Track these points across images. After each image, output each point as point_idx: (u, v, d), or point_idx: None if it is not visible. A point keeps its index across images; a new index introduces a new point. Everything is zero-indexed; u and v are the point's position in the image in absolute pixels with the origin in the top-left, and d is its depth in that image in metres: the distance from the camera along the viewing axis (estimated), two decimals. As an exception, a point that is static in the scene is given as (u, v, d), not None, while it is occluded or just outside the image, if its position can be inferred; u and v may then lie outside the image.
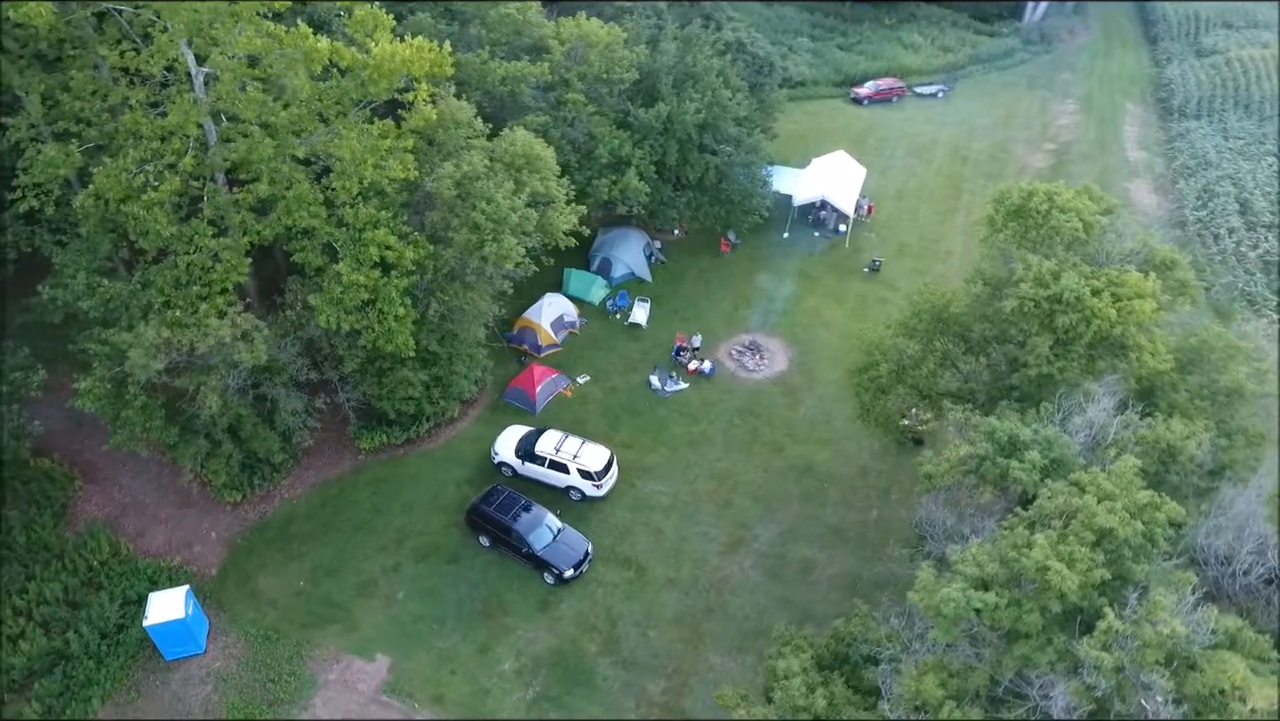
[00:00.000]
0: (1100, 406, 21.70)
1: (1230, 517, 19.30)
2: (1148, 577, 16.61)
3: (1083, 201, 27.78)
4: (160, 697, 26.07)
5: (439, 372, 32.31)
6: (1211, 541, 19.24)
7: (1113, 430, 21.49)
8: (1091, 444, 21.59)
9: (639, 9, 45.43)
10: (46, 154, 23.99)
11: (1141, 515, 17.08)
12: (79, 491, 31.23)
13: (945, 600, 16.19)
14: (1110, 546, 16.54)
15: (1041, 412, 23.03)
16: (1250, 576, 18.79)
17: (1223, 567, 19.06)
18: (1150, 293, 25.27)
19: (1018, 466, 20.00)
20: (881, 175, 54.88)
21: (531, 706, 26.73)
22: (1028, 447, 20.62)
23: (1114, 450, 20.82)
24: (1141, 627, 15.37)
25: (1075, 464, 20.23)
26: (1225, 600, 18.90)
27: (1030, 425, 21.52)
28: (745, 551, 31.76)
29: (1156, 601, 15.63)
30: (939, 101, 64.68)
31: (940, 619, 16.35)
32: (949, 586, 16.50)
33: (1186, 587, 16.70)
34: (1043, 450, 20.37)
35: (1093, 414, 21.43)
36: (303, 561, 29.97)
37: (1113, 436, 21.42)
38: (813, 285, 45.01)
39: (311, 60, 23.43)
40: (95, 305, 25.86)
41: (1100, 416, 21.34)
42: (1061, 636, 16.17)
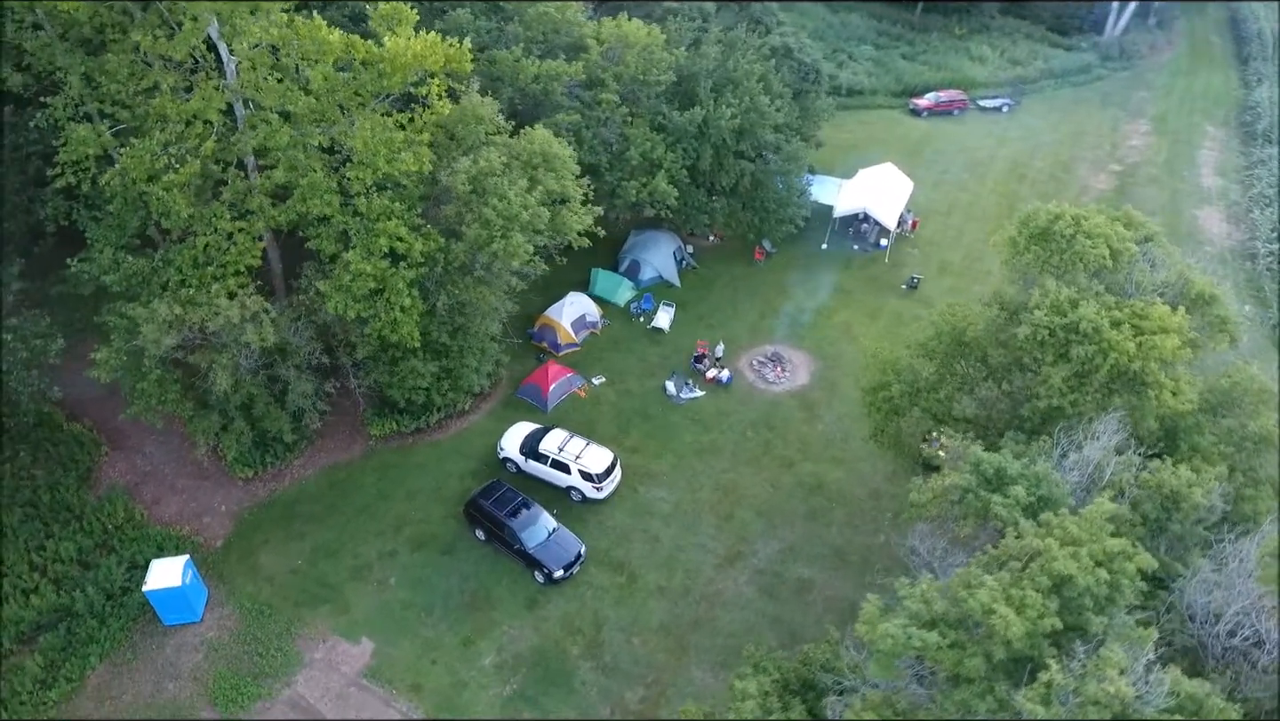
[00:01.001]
0: (1099, 444, 20.51)
1: (1225, 573, 18.00)
2: (1106, 631, 15.58)
3: (1113, 228, 26.41)
4: (154, 661, 27.03)
5: (449, 365, 32.66)
6: (1198, 597, 17.99)
7: (1109, 470, 20.30)
8: (1087, 483, 20.45)
9: (686, 10, 45.09)
10: (78, 133, 25.16)
11: (1111, 563, 16.05)
12: (105, 457, 32.63)
13: (883, 635, 15.52)
14: (1071, 594, 15.60)
15: (1040, 447, 21.95)
16: (1236, 638, 17.49)
17: (1209, 626, 17.79)
18: (1176, 328, 23.86)
19: (998, 502, 19.07)
20: (932, 189, 53.36)
21: (507, 704, 26.79)
22: (1014, 482, 19.66)
23: (1109, 492, 19.67)
24: (1086, 684, 14.42)
25: (1064, 503, 19.19)
26: (1211, 661, 17.64)
27: (1024, 459, 20.49)
28: (742, 566, 31.22)
29: (1106, 657, 14.65)
30: (1003, 116, 62.53)
31: (877, 654, 15.68)
32: (889, 621, 15.82)
33: (1146, 644, 15.62)
34: (1029, 486, 19.38)
35: (1089, 451, 20.27)
36: (304, 541, 30.68)
37: (1109, 477, 20.24)
38: (846, 299, 44.00)
39: (324, 52, 23.95)
40: (118, 280, 26.99)
41: (1096, 455, 20.16)
42: (1004, 685, 15.30)
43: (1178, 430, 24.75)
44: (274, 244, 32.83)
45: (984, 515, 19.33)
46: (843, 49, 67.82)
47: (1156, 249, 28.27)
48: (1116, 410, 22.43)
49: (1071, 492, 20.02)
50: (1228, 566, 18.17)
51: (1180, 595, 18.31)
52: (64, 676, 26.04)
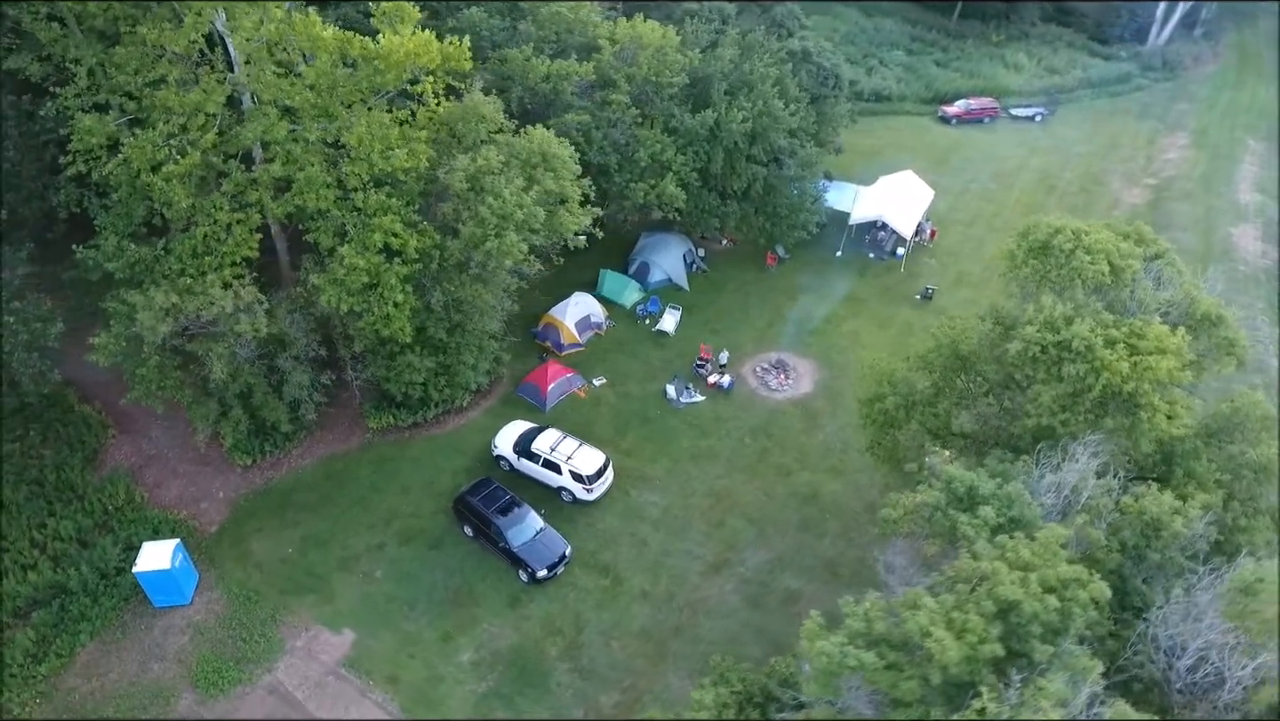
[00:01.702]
0: (1076, 466, 19.87)
1: (1193, 605, 17.30)
2: (1051, 660, 15.04)
3: (1116, 243, 25.61)
4: (142, 641, 27.62)
5: (447, 361, 32.88)
6: (1163, 630, 17.30)
7: (1086, 494, 19.65)
8: (1063, 506, 19.83)
9: (705, 11, 44.85)
10: (84, 123, 25.84)
11: (1065, 590, 15.50)
12: (112, 439, 33.44)
13: (819, 653, 15.20)
14: (1017, 620, 15.09)
15: (1021, 466, 21.36)
16: (1197, 674, 16.79)
17: (1174, 660, 17.10)
18: (1174, 349, 23.05)
19: (965, 521, 18.57)
20: (956, 199, 52.43)
21: (481, 701, 26.87)
22: (985, 502, 19.14)
23: (1084, 517, 19.05)
24: (1020, 712, 13.93)
25: (1035, 526, 18.62)
26: (1175, 696, 16.95)
27: (998, 479, 19.93)
28: (729, 574, 30.93)
29: (1041, 686, 14.14)
30: (1035, 125, 61.19)
31: (814, 671, 15.36)
32: (828, 640, 15.48)
33: (1090, 675, 15.03)
34: (1000, 508, 18.85)
35: (1066, 474, 19.65)
36: (296, 529, 31.11)
37: (1085, 501, 19.59)
38: (857, 308, 43.39)
39: (317, 48, 24.27)
40: (122, 267, 27.64)
41: (1072, 478, 19.53)
42: (941, 710, 14.87)
43: (1175, 455, 23.95)
44: (282, 235, 33.38)
45: (952, 535, 18.85)
46: (874, 54, 66.99)
47: (1165, 267, 27.37)
48: (1103, 432, 21.68)
49: (1045, 515, 19.42)
50: (1197, 599, 17.45)
51: (1148, 626, 17.64)
52: (55, 652, 26.71)
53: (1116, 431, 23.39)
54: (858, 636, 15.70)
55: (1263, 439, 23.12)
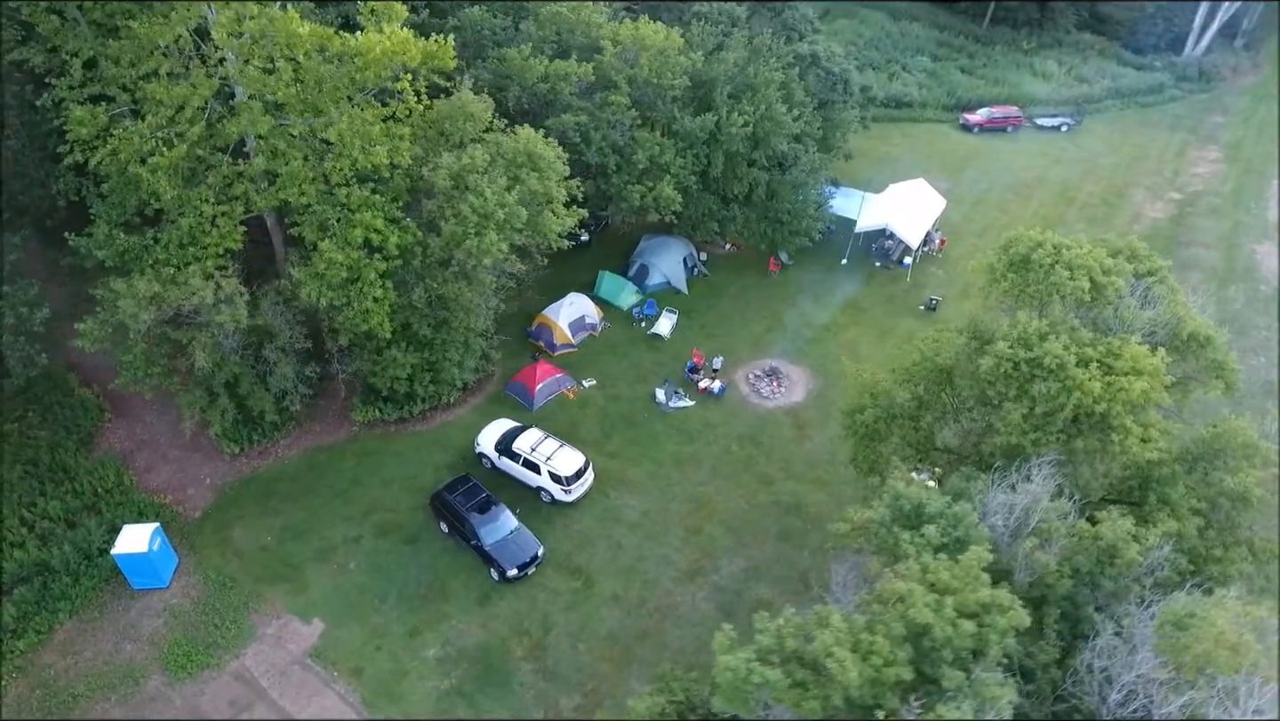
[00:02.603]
0: (1030, 487, 19.31)
1: (1128, 636, 16.68)
2: (960, 687, 14.58)
3: (1099, 260, 24.85)
4: (118, 621, 28.23)
5: (432, 358, 33.10)
6: (1097, 661, 16.69)
7: (1037, 516, 19.08)
8: (1014, 527, 19.28)
9: (714, 13, 44.57)
10: (75, 114, 26.50)
11: (985, 615, 15.03)
12: (107, 423, 34.25)
13: (724, 668, 14.94)
14: (928, 644, 14.67)
15: (979, 486, 20.83)
16: (1127, 708, 16.16)
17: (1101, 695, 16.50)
18: (1150, 370, 22.31)
19: (906, 540, 18.15)
20: (970, 209, 51.49)
21: (443, 697, 26.98)
22: (932, 521, 18.69)
23: (1033, 540, 18.50)
24: (916, 741, 13.59)
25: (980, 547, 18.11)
26: (1109, 732, 16.38)
27: (947, 498, 19.45)
28: (702, 582, 30.68)
29: (940, 712, 13.70)
30: (1060, 135, 59.82)
31: (718, 686, 15.10)
32: (734, 654, 15.21)
33: (998, 703, 14.53)
34: (945, 527, 18.39)
35: (1018, 495, 19.10)
36: (277, 518, 31.55)
37: (1035, 524, 19.02)
38: (858, 317, 42.79)
39: (294, 45, 24.60)
40: (111, 255, 28.29)
41: (1022, 499, 18.98)
42: (844, 733, 14.57)
43: (1151, 480, 23.20)
44: (278, 229, 33.86)
45: (894, 552, 18.44)
46: (897, 59, 66.07)
47: (1156, 285, 26.51)
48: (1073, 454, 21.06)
49: (996, 537, 18.91)
50: (1134, 630, 16.82)
51: (1089, 656, 17.05)
52: (33, 628, 27.43)
53: (1088, 453, 22.75)
54: (769, 652, 15.42)
55: (1242, 467, 22.26)
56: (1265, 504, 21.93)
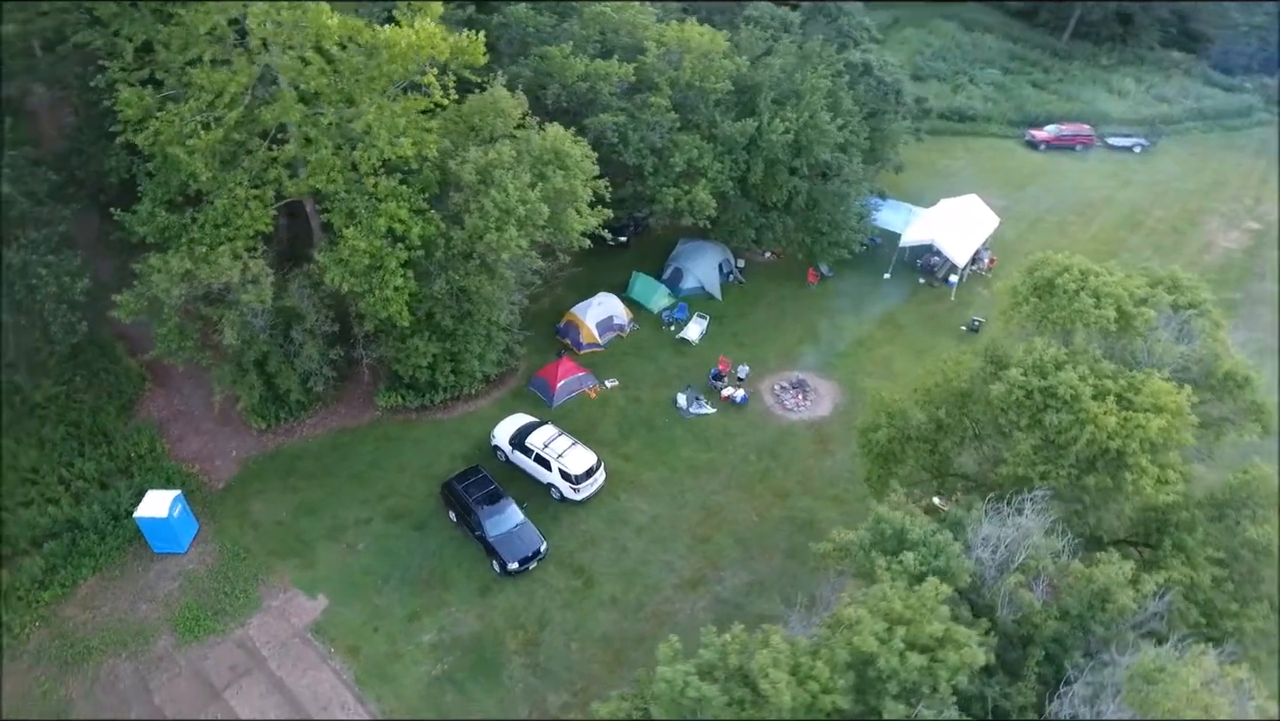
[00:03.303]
0: (1020, 521, 18.46)
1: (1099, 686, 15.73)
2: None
3: (1130, 289, 23.67)
4: (137, 582, 29.43)
5: (454, 349, 33.57)
6: (1064, 709, 15.81)
7: (1023, 553, 18.21)
8: (1000, 562, 18.44)
9: (767, 16, 44.08)
10: (124, 95, 27.76)
11: (940, 650, 14.36)
12: (147, 391, 35.80)
13: (660, 679, 14.66)
14: (875, 674, 14.10)
15: (975, 515, 20.03)
16: None
17: (1075, 744, 15.65)
18: (1173, 408, 21.12)
19: (882, 565, 17.56)
20: (1028, 228, 49.76)
21: (433, 682, 27.31)
22: (913, 548, 18.05)
23: (1018, 576, 17.69)
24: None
25: (960, 579, 17.43)
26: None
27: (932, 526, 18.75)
28: (704, 591, 30.33)
29: None
30: (1133, 156, 57.33)
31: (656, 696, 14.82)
32: (675, 666, 14.91)
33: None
34: (924, 556, 17.72)
35: (1005, 528, 18.27)
36: (294, 495, 32.44)
37: (1022, 560, 18.16)
38: (896, 334, 41.72)
39: (323, 35, 25.27)
40: (152, 232, 29.53)
41: (1008, 533, 18.15)
42: (776, 759, 14.10)
43: (1168, 525, 21.98)
44: (315, 214, 34.80)
45: (871, 576, 17.88)
46: (965, 71, 64.30)
47: (1196, 319, 25.12)
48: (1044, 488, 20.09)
49: (982, 571, 18.15)
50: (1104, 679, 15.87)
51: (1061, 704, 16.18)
52: (59, 581, 28.80)
53: (1100, 491, 21.68)
54: (712, 668, 15.08)
55: (1270, 517, 20.88)
56: None
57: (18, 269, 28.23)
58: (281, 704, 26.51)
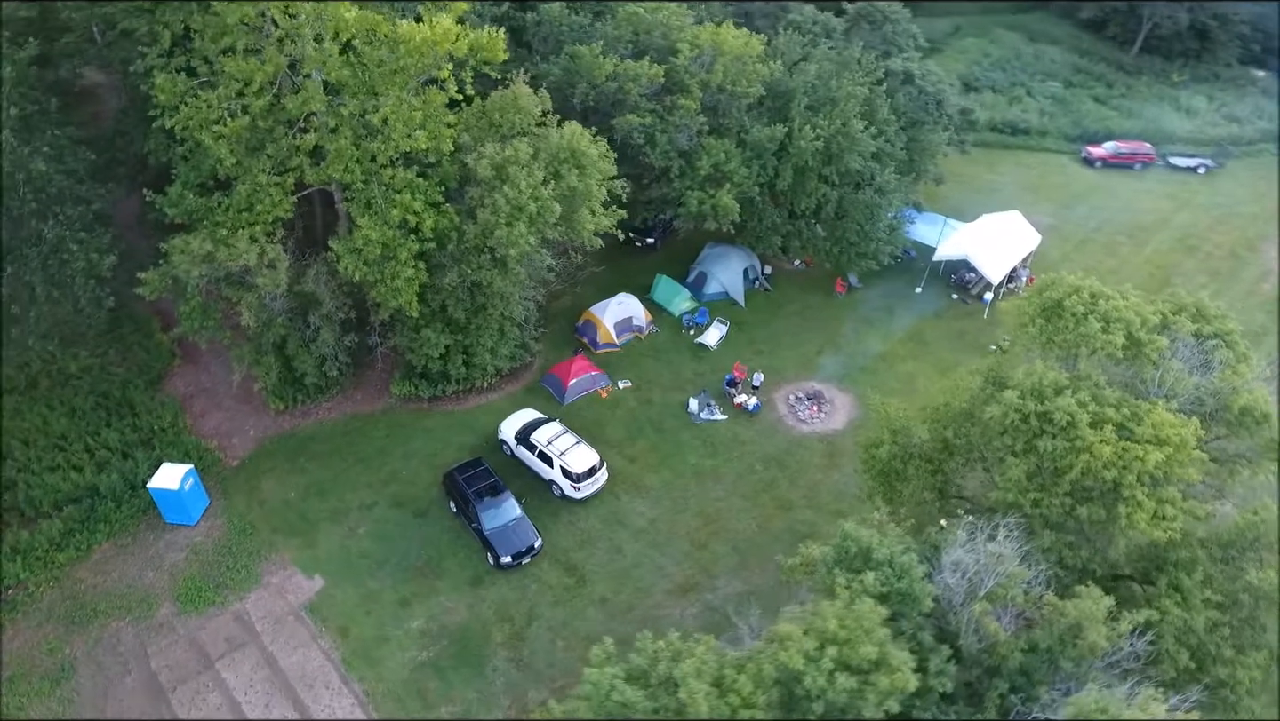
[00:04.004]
0: (990, 547, 17.74)
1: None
2: None
3: (1144, 315, 22.60)
4: (147, 550, 30.50)
5: (466, 341, 33.95)
6: None
7: (990, 580, 17.48)
8: (969, 589, 17.75)
9: (809, 21, 43.49)
10: (159, 81, 28.81)
11: (875, 671, 13.82)
12: (176, 367, 37.10)
13: (585, 680, 14.48)
14: (801, 693, 13.65)
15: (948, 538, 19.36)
16: None
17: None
18: (1176, 441, 20.09)
19: (842, 584, 17.08)
20: (1074, 248, 48.05)
21: (417, 668, 27.64)
22: (877, 567, 17.51)
23: (983, 605, 17.00)
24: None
25: (922, 604, 16.85)
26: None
27: (900, 546, 18.17)
28: (695, 598, 30.05)
29: None
30: (1195, 177, 54.82)
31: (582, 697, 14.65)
32: (604, 669, 14.71)
33: None
34: (886, 577, 17.18)
35: (970, 554, 17.58)
36: (303, 476, 33.22)
37: (989, 589, 17.44)
38: (921, 350, 40.69)
39: (340, 29, 25.81)
40: (180, 213, 30.58)
41: (974, 559, 17.45)
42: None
43: (1167, 561, 20.92)
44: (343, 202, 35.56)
45: (831, 593, 17.42)
46: (1023, 83, 62.29)
47: (1219, 350, 23.86)
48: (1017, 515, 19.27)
49: (949, 596, 17.51)
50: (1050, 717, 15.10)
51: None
52: (74, 545, 30.01)
53: (1093, 523, 20.76)
54: (643, 674, 14.87)
55: (1273, 561, 19.69)
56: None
57: (52, 244, 29.53)
58: (270, 678, 27.16)
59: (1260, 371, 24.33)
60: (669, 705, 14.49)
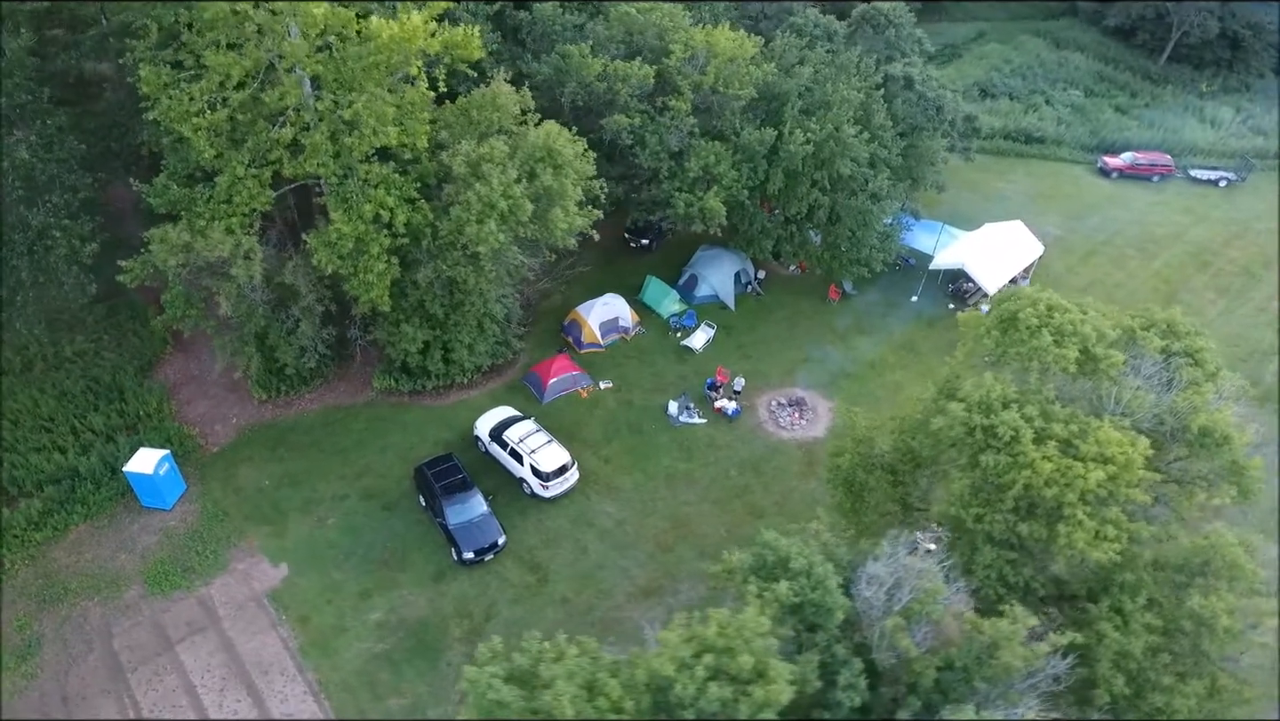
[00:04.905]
0: (903, 562, 17.31)
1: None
2: None
3: (1101, 329, 21.94)
4: (122, 533, 31.14)
5: (445, 338, 34.14)
6: None
7: (905, 596, 17.05)
8: (886, 603, 17.32)
9: (810, 24, 43.01)
10: (144, 73, 29.37)
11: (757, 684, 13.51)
12: (167, 354, 37.85)
13: (466, 678, 14.38)
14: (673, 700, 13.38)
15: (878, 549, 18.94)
16: None
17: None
18: (1122, 460, 19.48)
19: (753, 592, 16.80)
20: (1079, 260, 46.90)
21: (372, 658, 27.82)
22: (793, 578, 17.19)
23: (896, 620, 16.58)
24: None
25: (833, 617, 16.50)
26: None
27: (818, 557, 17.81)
28: (656, 601, 29.85)
29: None
30: (1215, 191, 53.22)
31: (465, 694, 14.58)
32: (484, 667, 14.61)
33: None
34: (801, 586, 16.85)
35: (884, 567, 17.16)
36: (280, 465, 33.67)
37: (905, 604, 17.00)
38: (911, 359, 40.00)
39: (308, 24, 26.11)
40: (164, 204, 31.17)
41: (889, 572, 17.03)
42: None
43: (1112, 583, 20.28)
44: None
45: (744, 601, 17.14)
46: (1041, 90, 60.99)
47: (1187, 368, 23.08)
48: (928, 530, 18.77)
49: (868, 610, 17.13)
50: None
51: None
52: (52, 525, 30.75)
53: (1035, 541, 20.20)
54: (524, 673, 14.75)
55: (1219, 589, 18.94)
56: (1235, 636, 18.52)
57: (37, 230, 30.31)
58: (227, 662, 27.56)
59: (1232, 391, 23.51)
60: (539, 706, 14.39)
